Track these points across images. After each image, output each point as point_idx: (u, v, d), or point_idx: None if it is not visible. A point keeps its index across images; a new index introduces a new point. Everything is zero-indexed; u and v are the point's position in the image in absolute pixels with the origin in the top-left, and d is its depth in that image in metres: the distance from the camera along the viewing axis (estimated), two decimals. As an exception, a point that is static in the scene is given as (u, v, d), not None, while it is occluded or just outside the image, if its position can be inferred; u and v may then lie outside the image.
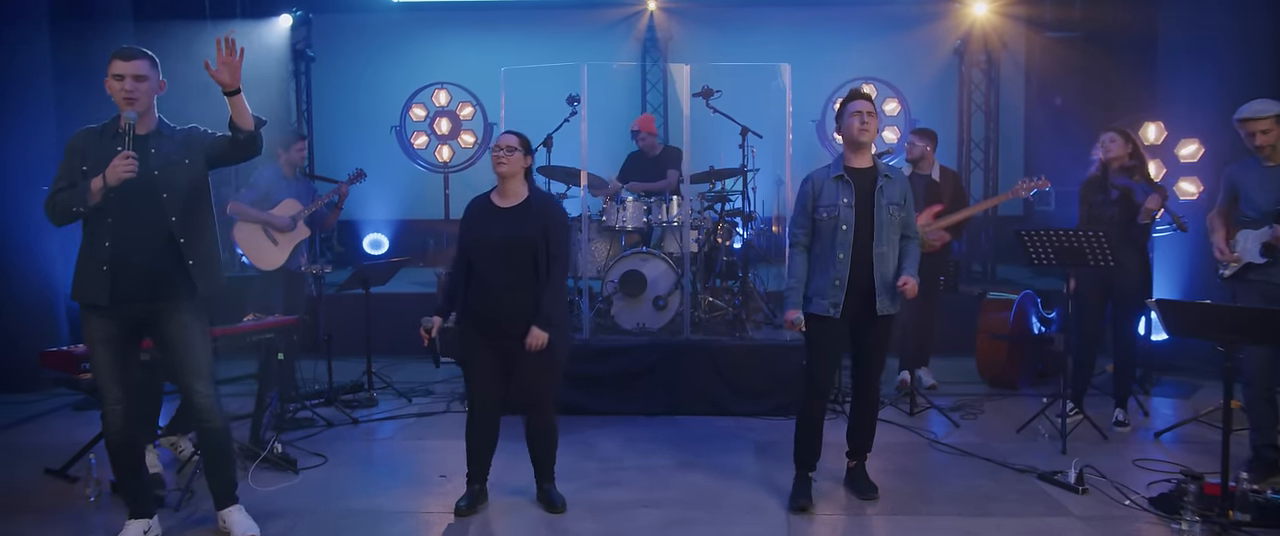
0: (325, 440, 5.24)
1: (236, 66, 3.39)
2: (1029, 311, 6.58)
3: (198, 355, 3.60)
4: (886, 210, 4.01)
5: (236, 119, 3.45)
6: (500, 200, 4.00)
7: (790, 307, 4.12)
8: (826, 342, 4.12)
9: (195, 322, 3.61)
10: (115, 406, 3.56)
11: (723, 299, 6.47)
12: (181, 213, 3.53)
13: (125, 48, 3.48)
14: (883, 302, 4.03)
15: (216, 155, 3.59)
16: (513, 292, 3.90)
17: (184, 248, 3.53)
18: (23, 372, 6.44)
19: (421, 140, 8.96)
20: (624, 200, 6.29)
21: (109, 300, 3.45)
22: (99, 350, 3.53)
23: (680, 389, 5.78)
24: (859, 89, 4.10)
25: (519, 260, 3.90)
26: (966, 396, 6.19)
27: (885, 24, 9.38)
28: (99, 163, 3.42)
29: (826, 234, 4.03)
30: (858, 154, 4.07)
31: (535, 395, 4.02)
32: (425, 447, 5.16)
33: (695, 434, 5.39)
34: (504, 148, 3.95)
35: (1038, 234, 5.11)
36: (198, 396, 3.61)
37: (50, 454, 4.83)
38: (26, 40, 6.55)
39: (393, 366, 7.22)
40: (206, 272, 3.60)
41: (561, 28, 9.62)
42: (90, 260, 3.49)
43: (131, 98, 3.43)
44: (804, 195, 4.13)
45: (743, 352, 5.82)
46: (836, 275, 4.00)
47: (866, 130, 4.01)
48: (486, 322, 3.92)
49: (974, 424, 5.58)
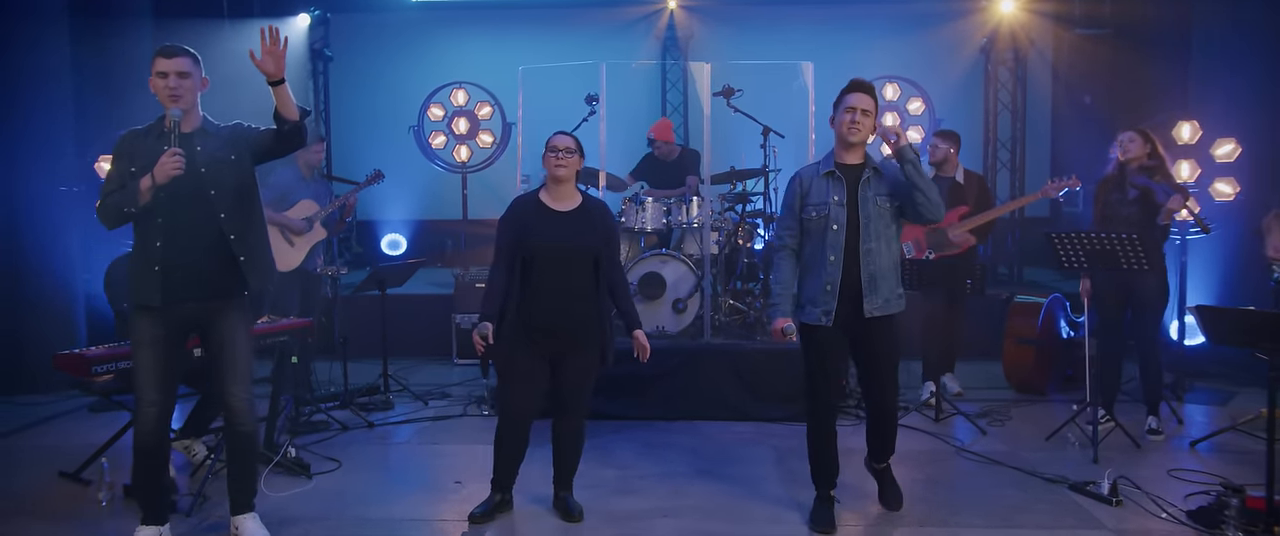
0: (340, 444, 5.17)
1: (281, 56, 3.34)
2: (1057, 315, 6.43)
3: (241, 358, 3.59)
4: (873, 202, 3.71)
5: (281, 109, 3.42)
6: (555, 203, 3.84)
7: (778, 316, 3.84)
8: (822, 354, 3.83)
9: (242, 324, 3.60)
10: (150, 409, 3.51)
11: (743, 301, 6.36)
12: (230, 209, 3.50)
13: (168, 45, 3.45)
14: (872, 303, 3.72)
15: (262, 149, 3.56)
16: (575, 300, 3.79)
17: (234, 244, 3.50)
18: (39, 373, 6.41)
19: (439, 140, 8.89)
20: (643, 201, 6.19)
21: (161, 300, 3.43)
22: (144, 352, 3.49)
23: (699, 393, 5.67)
24: (860, 79, 3.73)
25: (582, 267, 3.80)
26: (993, 402, 6.04)
27: (909, 22, 9.22)
28: (147, 163, 3.39)
29: (816, 235, 3.76)
30: (849, 151, 3.76)
31: (577, 400, 3.93)
32: (441, 452, 5.09)
33: (715, 440, 5.28)
34: (562, 149, 3.80)
35: (1069, 237, 4.97)
36: (234, 399, 3.59)
37: (65, 456, 4.79)
38: (45, 38, 6.53)
39: (409, 369, 7.16)
40: (257, 268, 3.58)
41: (580, 26, 9.53)
42: (142, 261, 3.47)
43: (175, 95, 3.40)
44: (791, 193, 3.86)
45: (764, 357, 5.71)
46: (827, 279, 3.72)
47: (857, 130, 3.66)
48: (544, 331, 3.77)
49: (1001, 431, 5.44)
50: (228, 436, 3.70)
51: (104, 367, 4.01)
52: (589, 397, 4.00)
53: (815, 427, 3.96)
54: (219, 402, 4.54)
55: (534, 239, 3.75)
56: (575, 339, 3.82)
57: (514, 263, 3.77)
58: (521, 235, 3.77)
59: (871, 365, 3.88)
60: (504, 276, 3.77)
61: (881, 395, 3.92)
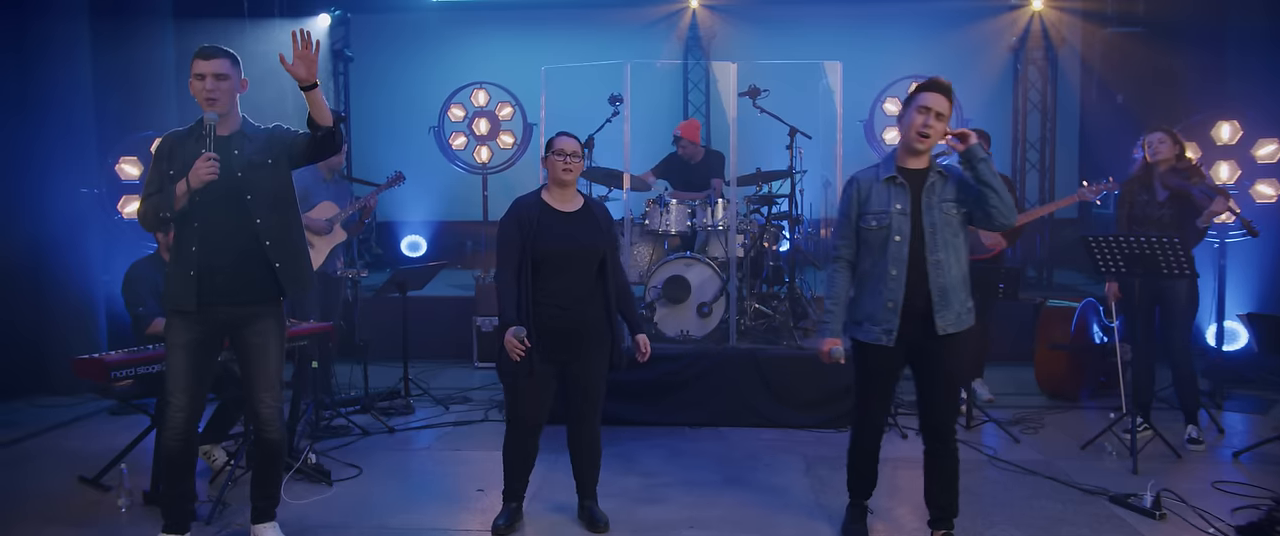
0: (360, 450, 5.10)
1: (313, 60, 3.28)
2: (1090, 320, 6.27)
3: (272, 365, 3.53)
4: (940, 209, 3.38)
5: (314, 114, 3.36)
6: (559, 204, 3.77)
7: (826, 335, 3.53)
8: (880, 375, 3.56)
9: (275, 330, 3.54)
10: (178, 413, 3.46)
11: (768, 305, 6.25)
12: (267, 214, 3.45)
13: (206, 47, 3.40)
14: (943, 319, 3.38)
15: (298, 153, 3.50)
16: (584, 303, 3.72)
17: (270, 250, 3.45)
18: (60, 375, 6.40)
19: (460, 141, 8.81)
20: (667, 203, 6.09)
21: (196, 305, 3.38)
22: (177, 355, 3.44)
23: (725, 399, 5.57)
24: (939, 80, 3.39)
25: (587, 268, 3.74)
26: (1025, 409, 5.91)
27: (936, 20, 9.06)
28: (185, 165, 3.35)
29: (876, 246, 3.44)
30: (914, 156, 3.45)
31: (590, 407, 3.84)
32: (463, 458, 5.01)
33: (741, 447, 5.18)
34: (570, 153, 3.71)
35: (1105, 240, 4.83)
36: (263, 406, 3.53)
37: (86, 460, 4.76)
38: (66, 39, 6.50)
39: (430, 372, 7.10)
40: (294, 275, 3.52)
41: (602, 26, 9.44)
42: (178, 265, 3.43)
43: (212, 97, 3.36)
44: (847, 199, 3.53)
45: (791, 362, 5.60)
46: (889, 297, 3.39)
47: (927, 135, 3.34)
48: (553, 335, 3.68)
49: (1034, 439, 5.31)
50: (256, 443, 3.63)
51: (123, 373, 3.95)
52: (602, 404, 3.90)
53: (859, 443, 3.76)
54: (239, 408, 4.54)
55: (543, 240, 3.66)
56: (584, 342, 3.74)
57: (522, 265, 3.67)
58: (528, 237, 3.67)
59: (934, 383, 3.53)
60: (513, 278, 3.67)
61: (941, 415, 3.56)
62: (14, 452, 5.18)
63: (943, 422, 3.54)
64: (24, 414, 5.98)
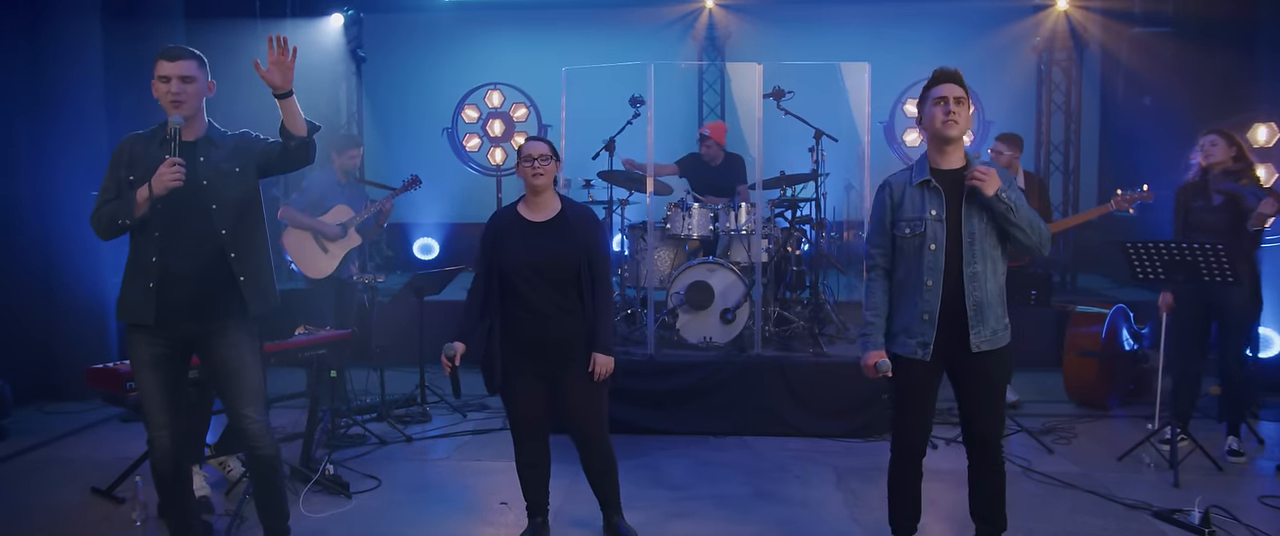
0: (378, 460, 4.98)
1: (289, 67, 3.12)
2: (1120, 326, 6.14)
3: (249, 379, 3.34)
4: (980, 217, 3.18)
5: (288, 124, 3.19)
6: (530, 213, 3.62)
7: (870, 348, 3.31)
8: (916, 390, 3.33)
9: (246, 343, 3.35)
10: (161, 432, 3.30)
11: (792, 311, 6.12)
12: (232, 225, 3.27)
13: (171, 47, 3.23)
14: (978, 336, 3.19)
15: (267, 163, 3.33)
16: (559, 315, 3.55)
17: (234, 263, 3.27)
18: (71, 382, 6.28)
19: (474, 142, 8.71)
20: (689, 207, 5.96)
21: (155, 319, 3.21)
22: (145, 374, 3.27)
23: (750, 408, 5.44)
24: (945, 69, 3.24)
25: (562, 280, 3.56)
26: (1055, 418, 5.77)
27: (956, 20, 8.91)
28: (146, 171, 3.18)
29: (911, 255, 3.23)
30: (945, 152, 3.22)
31: (589, 427, 3.66)
32: (483, 469, 4.88)
33: (769, 458, 5.05)
34: (536, 157, 3.56)
35: (1145, 247, 4.70)
36: (248, 422, 3.34)
37: (99, 470, 4.65)
38: (78, 39, 6.39)
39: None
40: (258, 291, 3.34)
41: (616, 26, 9.31)
42: (135, 276, 3.24)
43: (178, 100, 3.18)
44: (880, 205, 3.33)
45: (816, 370, 5.47)
46: (925, 309, 3.20)
47: (954, 122, 3.15)
48: (530, 348, 3.56)
49: (1068, 449, 5.17)
50: (248, 463, 3.48)
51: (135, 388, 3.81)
52: (604, 419, 3.70)
53: (899, 467, 3.47)
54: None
55: (507, 253, 3.54)
56: (563, 356, 3.58)
57: (491, 279, 3.57)
58: (495, 251, 3.56)
59: (975, 397, 3.34)
60: (481, 293, 3.58)
61: (983, 433, 3.36)
62: (25, 462, 5.07)
63: (988, 433, 3.35)
64: (34, 420, 5.87)
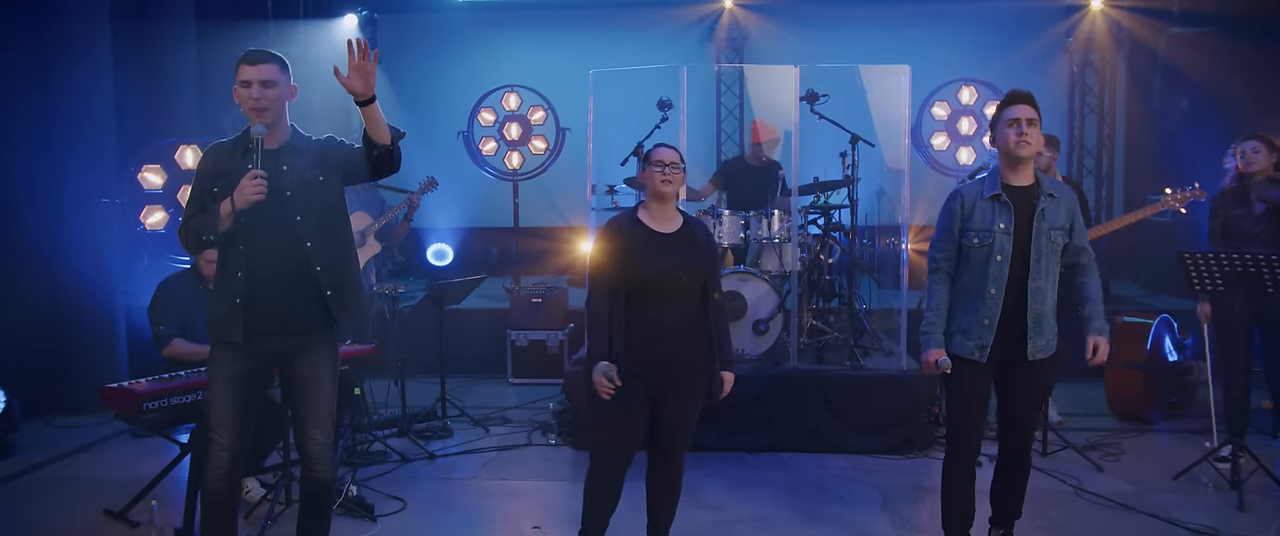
0: (401, 479, 4.79)
1: (371, 72, 2.92)
2: (1163, 337, 5.93)
3: (324, 400, 3.20)
4: (1047, 236, 3.38)
5: (371, 132, 3.01)
6: (656, 224, 3.40)
7: (931, 346, 3.48)
8: (971, 390, 3.50)
9: (327, 361, 3.21)
10: (222, 452, 3.14)
11: (825, 321, 5.92)
12: (317, 237, 3.12)
13: (252, 51, 3.08)
14: (1035, 345, 3.41)
15: (352, 171, 3.17)
16: (686, 332, 3.37)
17: (321, 276, 3.12)
18: (79, 394, 6.11)
19: (490, 146, 8.50)
20: (720, 214, 5.76)
21: (243, 337, 3.07)
22: (220, 389, 3.13)
23: (786, 423, 5.24)
24: (1018, 91, 3.43)
25: (691, 295, 3.39)
26: (1098, 433, 5.57)
27: (983, 20, 8.68)
28: (230, 182, 3.04)
29: (977, 263, 3.42)
30: (1017, 170, 3.43)
31: (679, 445, 3.50)
32: (512, 490, 4.68)
33: (809, 476, 4.85)
34: (669, 164, 3.35)
35: (1203, 257, 4.50)
36: (314, 444, 3.20)
37: (110, 489, 4.47)
38: (86, 42, 6.19)
39: (463, 387, 6.79)
40: (346, 304, 3.19)
41: (633, 27, 9.08)
42: (223, 292, 3.11)
43: (260, 107, 3.03)
44: (950, 214, 3.49)
45: (854, 383, 5.28)
46: (986, 314, 3.39)
47: (1026, 142, 3.34)
48: (653, 367, 3.33)
49: (1118, 467, 4.97)
50: (303, 484, 3.31)
51: (155, 405, 3.64)
52: (688, 444, 3.56)
53: (952, 468, 3.59)
54: (274, 438, 4.23)
55: (643, 265, 3.31)
56: (683, 375, 3.39)
57: (618, 292, 3.33)
58: (626, 261, 3.33)
59: (1017, 405, 3.54)
60: (608, 307, 3.32)
61: (1021, 436, 3.57)
62: (34, 480, 4.88)
63: (1022, 442, 3.58)
64: (42, 435, 5.68)
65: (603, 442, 3.45)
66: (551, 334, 7.10)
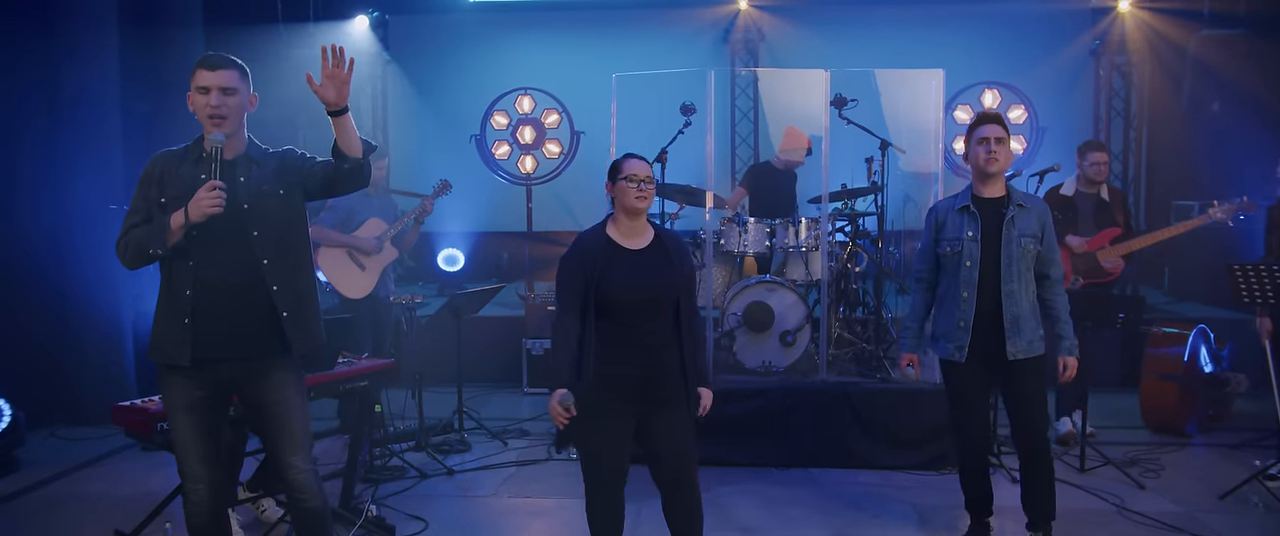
0: (420, 496, 4.63)
1: (345, 81, 2.78)
2: (1200, 348, 5.77)
3: (295, 425, 2.99)
4: (1017, 242, 3.63)
5: (341, 143, 2.84)
6: (625, 239, 3.24)
7: (904, 349, 3.91)
8: (962, 390, 3.80)
9: (292, 384, 3.01)
10: (198, 485, 2.96)
11: (852, 331, 5.76)
12: (274, 255, 2.93)
13: (210, 55, 2.91)
14: (1014, 346, 3.64)
15: (315, 184, 2.99)
16: (658, 349, 3.20)
17: (276, 296, 2.92)
18: (85, 405, 5.96)
19: (503, 150, 8.34)
20: (746, 222, 5.60)
21: (191, 359, 2.86)
22: (180, 418, 2.93)
23: (815, 437, 5.09)
24: (987, 111, 3.93)
25: (661, 313, 3.22)
26: (1135, 447, 5.41)
27: (1005, 22, 8.52)
28: (180, 192, 2.85)
29: (950, 270, 3.74)
30: (987, 183, 3.72)
31: (683, 468, 3.29)
32: (535, 509, 4.52)
33: (840, 493, 4.69)
34: (643, 178, 3.18)
35: (1255, 269, 4.35)
36: (295, 472, 2.99)
37: (119, 508, 4.33)
38: (93, 48, 6.03)
39: (478, 397, 6.63)
40: (302, 327, 2.99)
41: (648, 30, 8.93)
42: (169, 311, 2.90)
43: (218, 115, 2.85)
44: (928, 227, 3.86)
45: (885, 397, 5.12)
46: (960, 316, 3.69)
47: (995, 160, 3.63)
48: (624, 386, 3.18)
49: (1160, 484, 4.80)
50: (294, 516, 3.10)
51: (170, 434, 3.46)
52: (696, 462, 3.35)
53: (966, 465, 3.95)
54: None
55: (607, 284, 3.15)
56: (659, 395, 3.22)
57: (584, 312, 3.17)
58: (590, 280, 3.16)
59: (1018, 403, 3.77)
60: (576, 329, 3.16)
61: (1028, 425, 3.75)
62: (40, 498, 4.73)
63: (1031, 429, 3.73)
64: (46, 448, 5.53)
65: (591, 467, 3.28)
66: (568, 342, 6.93)
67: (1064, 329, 3.72)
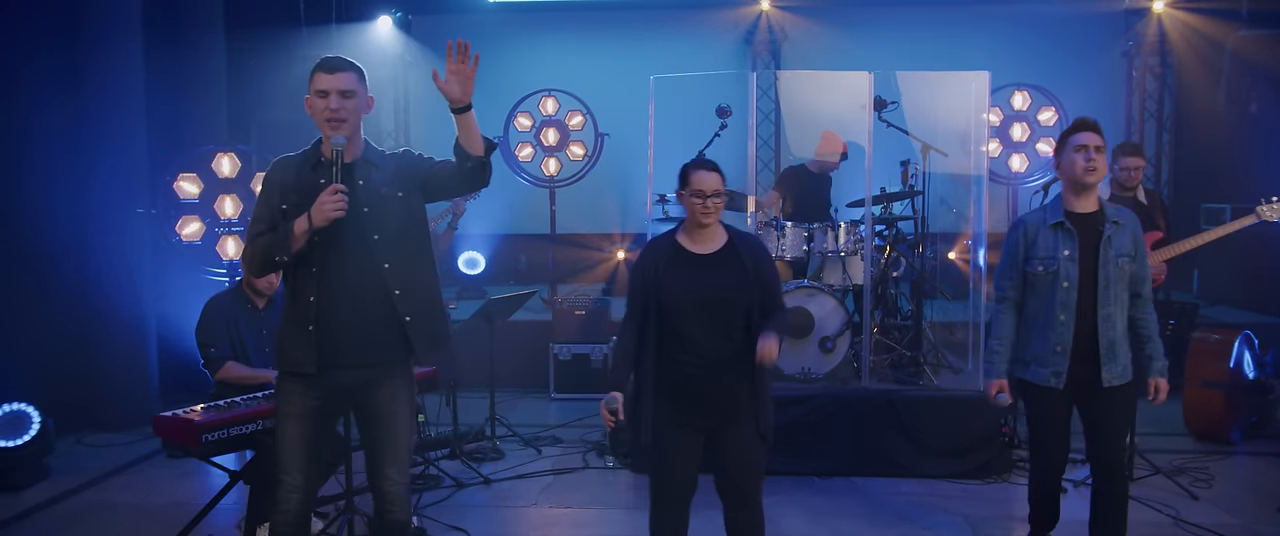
0: (459, 507, 4.54)
1: (470, 77, 2.75)
2: (1243, 353, 5.66)
3: (401, 436, 2.96)
4: (1115, 263, 3.39)
5: (464, 141, 2.81)
6: (694, 245, 3.16)
7: (994, 375, 3.57)
8: (1051, 416, 3.54)
9: (405, 395, 2.98)
10: (293, 494, 2.90)
11: (890, 337, 5.67)
12: (396, 259, 2.88)
13: (329, 57, 2.87)
14: (1110, 372, 3.39)
15: (436, 185, 2.96)
16: (724, 360, 3.09)
17: (399, 300, 2.87)
18: (110, 411, 5.90)
19: (526, 152, 8.23)
20: (783, 226, 5.51)
21: (317, 367, 2.83)
22: (290, 425, 2.89)
23: (857, 446, 4.99)
24: (1085, 119, 3.49)
25: (729, 320, 3.11)
26: (1178, 454, 5.29)
27: (1035, 23, 8.42)
28: (302, 198, 2.81)
29: (1043, 291, 3.45)
30: (1082, 196, 3.45)
31: (748, 484, 3.20)
32: (579, 520, 4.43)
33: (887, 503, 4.60)
34: (711, 194, 3.07)
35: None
36: (390, 484, 2.95)
37: (151, 519, 4.28)
38: (119, 51, 5.95)
39: (506, 403, 6.52)
40: (427, 331, 2.94)
41: (671, 31, 8.85)
42: (294, 319, 2.88)
43: (338, 118, 2.81)
44: (1014, 242, 3.54)
45: (928, 405, 5.02)
46: (1058, 341, 3.42)
47: (1094, 170, 3.36)
48: (689, 398, 3.10)
49: (1213, 495, 4.70)
50: (377, 527, 3.06)
51: (215, 435, 3.39)
52: (762, 480, 3.27)
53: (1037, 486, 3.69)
54: (330, 467, 3.98)
55: (667, 289, 3.07)
56: (726, 409, 3.13)
57: (646, 319, 3.10)
58: (653, 286, 3.09)
59: (1103, 431, 3.50)
60: (635, 336, 3.11)
61: (1111, 453, 3.50)
62: (71, 508, 4.64)
63: (1113, 459, 3.51)
64: (73, 455, 5.44)
65: (657, 482, 3.19)
66: (595, 347, 6.84)
67: (1155, 349, 3.48)
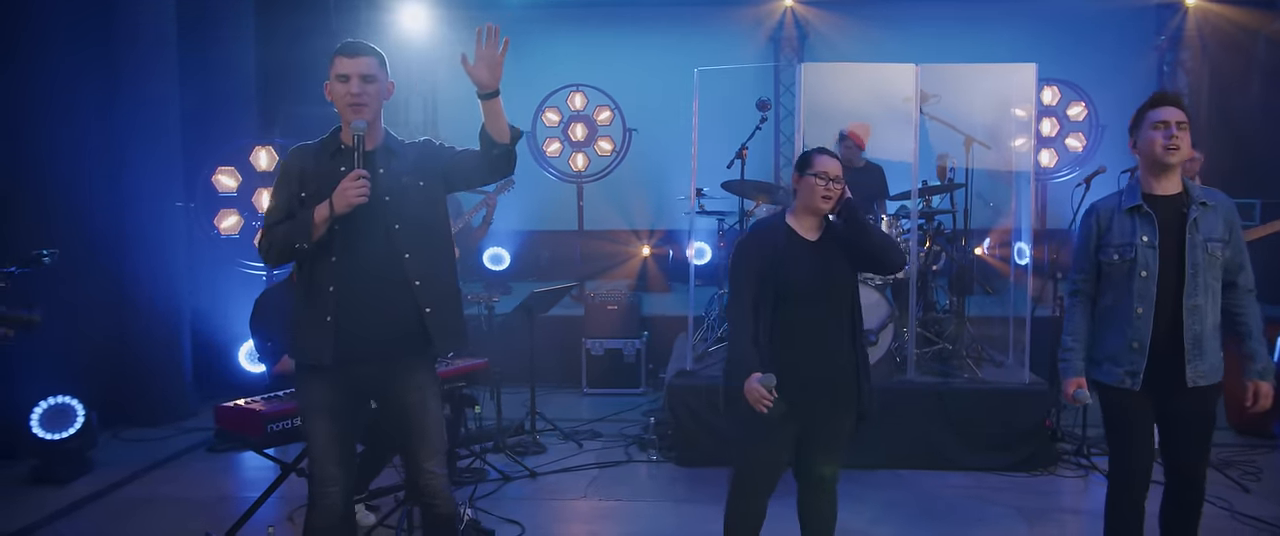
0: (509, 500, 4.52)
1: (499, 62, 2.69)
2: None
3: (433, 427, 2.88)
4: (1203, 248, 3.03)
5: (491, 128, 2.74)
6: (805, 231, 3.15)
7: (1070, 375, 3.22)
8: (1129, 420, 3.17)
9: (431, 386, 2.90)
10: (331, 489, 2.83)
11: (932, 330, 5.64)
12: (416, 248, 2.82)
13: (350, 41, 2.80)
14: (1195, 371, 3.05)
15: (459, 175, 2.89)
16: (835, 346, 3.10)
17: (418, 292, 2.80)
18: (147, 405, 5.91)
19: (554, 147, 8.22)
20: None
21: (334, 359, 2.75)
22: (316, 422, 2.82)
23: (901, 438, 4.97)
24: (1165, 92, 3.17)
25: (843, 306, 3.13)
26: (1222, 447, 5.26)
27: (1065, 18, 8.37)
28: (320, 187, 2.75)
29: (1119, 281, 3.12)
30: (1162, 178, 3.09)
31: (831, 470, 3.20)
32: (631, 513, 4.40)
33: (935, 495, 4.59)
34: (834, 177, 3.06)
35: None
36: (431, 478, 2.87)
37: (198, 512, 4.27)
38: (152, 46, 5.92)
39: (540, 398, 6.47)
40: (445, 324, 2.86)
41: (695, 26, 8.80)
42: (311, 308, 2.79)
43: (359, 103, 2.74)
44: (1087, 230, 3.24)
45: (972, 397, 5.02)
46: (1134, 336, 3.08)
47: (1175, 148, 3.02)
48: (798, 385, 3.04)
49: (1264, 488, 4.69)
50: (425, 521, 2.98)
51: (279, 426, 3.38)
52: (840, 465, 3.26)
53: (1117, 503, 3.23)
54: (384, 458, 3.97)
55: (788, 273, 3.05)
56: (833, 394, 3.12)
57: (760, 302, 3.07)
58: (768, 269, 3.06)
59: (1183, 434, 3.16)
60: (750, 315, 3.07)
61: (1191, 459, 3.17)
62: (116, 502, 4.62)
63: (1192, 466, 3.19)
64: (113, 450, 5.42)
65: (744, 463, 3.17)
66: (628, 342, 6.83)
67: (1257, 347, 3.14)
